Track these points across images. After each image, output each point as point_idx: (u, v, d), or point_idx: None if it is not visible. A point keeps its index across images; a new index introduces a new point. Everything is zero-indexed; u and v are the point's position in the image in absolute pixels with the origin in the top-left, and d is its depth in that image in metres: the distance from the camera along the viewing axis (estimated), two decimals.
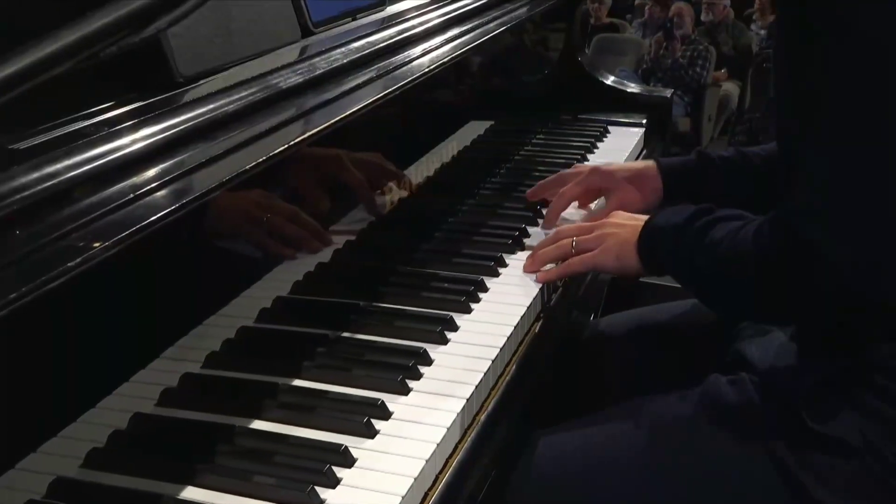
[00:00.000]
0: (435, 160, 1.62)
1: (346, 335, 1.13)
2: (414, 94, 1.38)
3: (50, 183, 0.80)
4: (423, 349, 1.09)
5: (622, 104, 2.14)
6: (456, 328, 1.15)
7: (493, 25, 1.73)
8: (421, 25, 1.53)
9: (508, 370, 1.13)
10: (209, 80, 1.08)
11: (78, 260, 0.78)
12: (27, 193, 0.78)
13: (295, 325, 1.16)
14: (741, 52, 7.10)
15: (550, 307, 1.30)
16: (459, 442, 0.99)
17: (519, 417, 1.12)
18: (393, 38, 1.42)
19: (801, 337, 1.15)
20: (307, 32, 1.32)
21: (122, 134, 0.91)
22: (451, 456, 0.97)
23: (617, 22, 7.73)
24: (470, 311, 1.20)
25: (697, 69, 6.68)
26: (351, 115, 1.20)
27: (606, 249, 1.25)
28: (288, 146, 1.08)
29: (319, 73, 1.22)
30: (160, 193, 0.90)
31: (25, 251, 0.76)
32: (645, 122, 2.08)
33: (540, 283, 1.27)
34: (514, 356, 1.16)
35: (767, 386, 1.13)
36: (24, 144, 0.82)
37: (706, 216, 1.14)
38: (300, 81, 1.17)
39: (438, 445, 0.94)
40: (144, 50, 0.96)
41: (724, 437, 1.12)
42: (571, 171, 1.53)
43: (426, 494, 0.91)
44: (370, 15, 1.50)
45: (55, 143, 0.85)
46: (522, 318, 1.20)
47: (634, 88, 2.21)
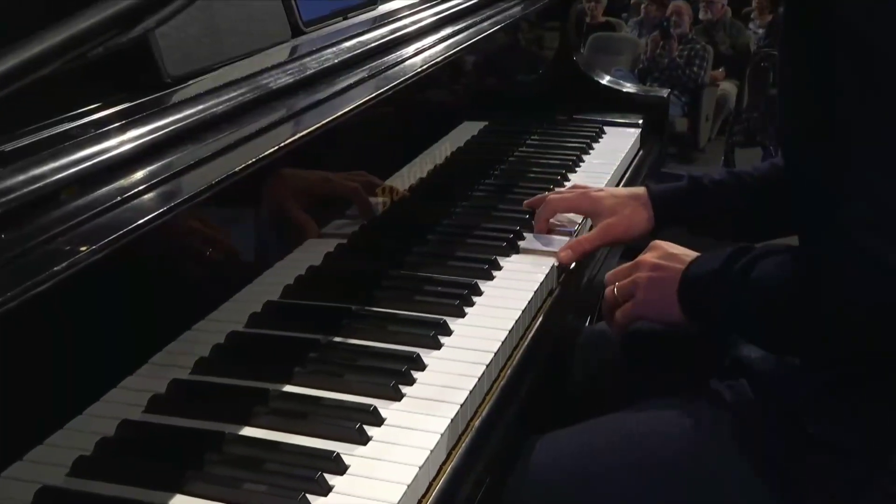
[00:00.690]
0: (428, 161, 1.61)
1: (337, 340, 1.12)
2: (406, 94, 1.37)
3: (36, 185, 0.79)
4: (416, 354, 1.08)
5: (618, 104, 2.14)
6: (450, 332, 1.14)
7: (486, 24, 1.72)
8: (413, 24, 1.51)
9: (503, 375, 1.12)
10: (198, 80, 1.06)
11: (64, 264, 0.77)
12: (13, 196, 0.77)
13: (286, 329, 1.15)
14: (739, 51, 7.10)
15: (546, 311, 1.28)
16: (454, 448, 0.98)
17: (514, 422, 1.10)
18: (385, 37, 1.41)
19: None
20: (297, 32, 1.31)
21: (109, 136, 0.90)
22: (445, 462, 0.96)
23: (613, 21, 7.72)
24: (464, 315, 1.19)
25: (695, 68, 6.67)
26: (342, 115, 1.19)
27: (648, 303, 1.22)
28: (278, 147, 1.07)
29: (310, 73, 1.21)
30: (148, 196, 0.89)
31: (11, 255, 0.75)
32: (641, 122, 2.08)
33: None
34: (509, 360, 1.15)
35: (766, 391, 1.12)
36: (9, 146, 0.81)
37: (744, 256, 1.10)
38: (290, 82, 1.16)
39: (432, 452, 0.93)
40: (132, 50, 0.95)
41: (722, 442, 1.11)
42: (558, 197, 1.49)
43: (420, 502, 0.90)
44: (361, 14, 1.49)
45: (42, 144, 0.84)
46: (518, 321, 1.18)
47: (631, 88, 2.21)
